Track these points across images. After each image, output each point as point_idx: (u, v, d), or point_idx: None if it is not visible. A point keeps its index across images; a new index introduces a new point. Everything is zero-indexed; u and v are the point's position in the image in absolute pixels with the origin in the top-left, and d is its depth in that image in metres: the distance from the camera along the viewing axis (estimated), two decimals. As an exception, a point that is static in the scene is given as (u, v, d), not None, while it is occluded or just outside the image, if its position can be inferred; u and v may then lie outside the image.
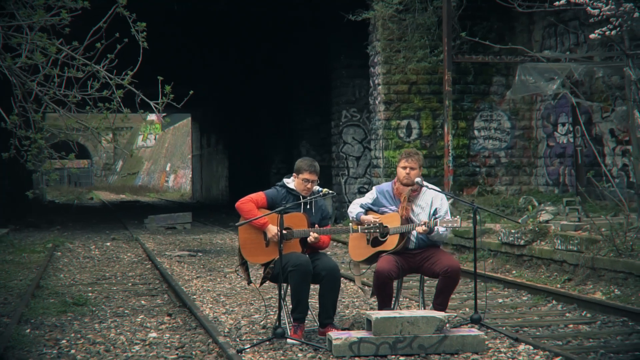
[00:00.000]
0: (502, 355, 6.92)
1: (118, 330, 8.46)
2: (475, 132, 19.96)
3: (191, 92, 10.40)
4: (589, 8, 10.37)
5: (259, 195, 7.61)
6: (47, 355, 7.36)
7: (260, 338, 7.58)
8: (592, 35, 10.95)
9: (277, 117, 29.40)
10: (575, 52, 17.94)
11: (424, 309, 7.93)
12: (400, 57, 19.33)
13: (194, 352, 7.37)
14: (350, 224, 7.62)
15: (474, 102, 19.89)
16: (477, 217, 7.76)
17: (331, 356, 6.83)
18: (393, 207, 7.87)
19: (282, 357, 6.90)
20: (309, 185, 7.53)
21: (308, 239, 7.40)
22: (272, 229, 7.35)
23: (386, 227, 7.56)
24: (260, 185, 7.65)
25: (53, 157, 10.87)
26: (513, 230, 12.70)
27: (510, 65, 19.63)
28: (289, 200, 7.52)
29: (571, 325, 8.52)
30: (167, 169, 62.91)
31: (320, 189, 7.64)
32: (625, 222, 11.26)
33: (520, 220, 13.80)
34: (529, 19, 19.84)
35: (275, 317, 7.66)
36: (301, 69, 26.49)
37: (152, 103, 10.20)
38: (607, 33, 10.54)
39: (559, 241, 11.63)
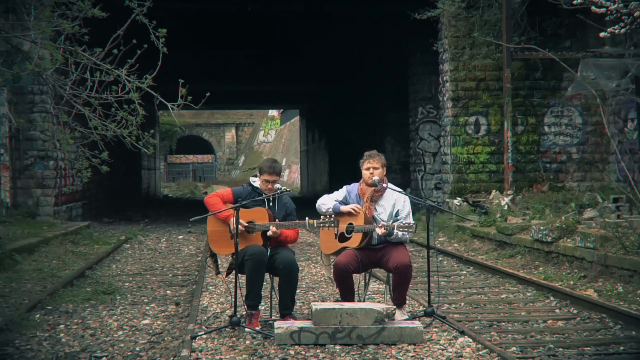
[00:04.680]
0: (437, 346, 7.21)
1: (117, 317, 9.10)
2: (546, 128, 19.84)
3: (208, 94, 10.92)
4: (593, 7, 10.38)
5: (226, 191, 8.19)
6: (37, 337, 8.04)
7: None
8: (602, 34, 10.92)
9: (366, 114, 29.82)
10: (641, 47, 17.62)
11: (392, 302, 8.25)
12: (466, 54, 19.44)
13: (166, 338, 7.94)
14: (307, 218, 7.98)
15: (544, 98, 19.78)
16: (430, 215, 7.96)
17: (274, 344, 7.27)
18: None
19: (230, 343, 7.40)
20: (269, 186, 8.05)
21: (268, 232, 7.87)
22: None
23: (338, 220, 7.96)
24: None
25: (86, 155, 11.61)
26: (542, 227, 12.75)
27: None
28: (253, 197, 8.00)
29: (549, 321, 8.67)
30: (283, 163, 64.18)
31: (280, 187, 8.10)
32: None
33: (563, 218, 13.78)
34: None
35: (243, 306, 8.12)
36: (385, 65, 26.81)
37: (169, 104, 10.82)
38: (618, 31, 10.49)
39: (579, 238, 11.66)
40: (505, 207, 16.86)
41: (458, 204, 18.65)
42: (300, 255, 14.62)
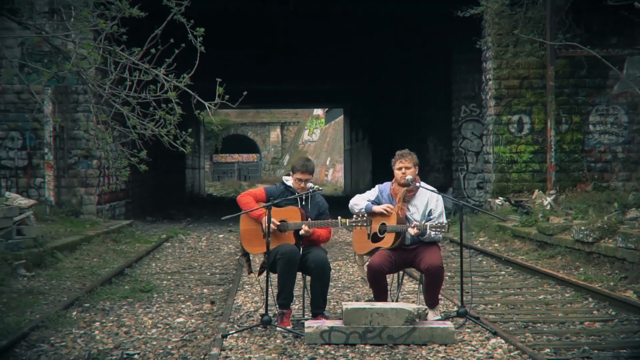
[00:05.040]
0: (468, 347, 7.13)
1: (152, 315, 9.14)
2: (590, 126, 19.55)
3: (245, 92, 10.89)
4: (636, 3, 10.21)
5: (259, 190, 8.19)
6: (71, 334, 8.11)
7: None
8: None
9: (409, 112, 29.68)
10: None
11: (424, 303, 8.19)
12: (509, 52, 19.24)
13: (198, 336, 7.96)
14: (339, 217, 7.95)
15: (589, 96, 19.48)
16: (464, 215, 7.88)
17: (305, 343, 7.25)
18: None
19: (261, 342, 7.40)
20: (302, 184, 8.04)
21: (300, 231, 7.85)
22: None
23: (370, 220, 7.92)
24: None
25: (125, 154, 11.69)
26: (583, 228, 12.57)
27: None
28: (286, 196, 7.99)
29: (586, 323, 8.55)
30: (327, 163, 64.13)
31: (313, 185, 8.08)
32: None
33: (605, 218, 13.56)
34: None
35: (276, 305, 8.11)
36: (428, 64, 26.67)
37: (206, 103, 10.83)
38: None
39: (620, 239, 11.47)
40: (548, 207, 16.65)
41: (500, 203, 18.47)
42: (338, 255, 14.61)
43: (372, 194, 8.30)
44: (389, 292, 8.19)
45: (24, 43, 17.40)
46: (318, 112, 75.85)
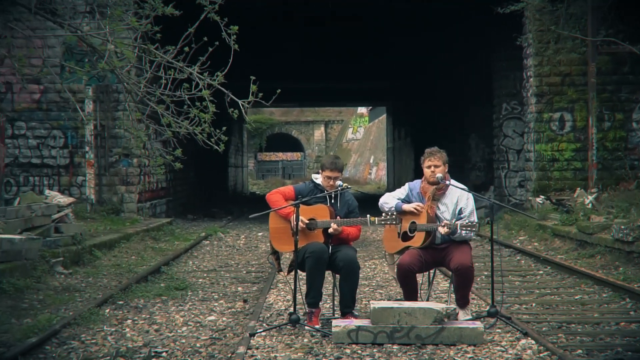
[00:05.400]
0: (498, 347, 7.03)
1: (184, 313, 9.16)
2: (634, 124, 19.21)
3: (278, 90, 10.87)
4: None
5: (288, 189, 8.16)
6: (102, 332, 8.15)
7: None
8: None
9: (451, 110, 29.46)
10: None
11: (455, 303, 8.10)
12: (550, 49, 18.99)
13: (228, 334, 7.95)
14: (368, 215, 7.90)
15: (633, 93, 19.15)
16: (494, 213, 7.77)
17: (332, 342, 7.20)
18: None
19: (287, 341, 7.37)
20: (331, 182, 7.98)
21: (329, 229, 7.80)
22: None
23: (400, 218, 7.85)
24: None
25: (160, 152, 11.74)
26: (623, 227, 12.36)
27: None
28: (315, 194, 7.95)
29: (622, 324, 8.40)
30: (371, 161, 64.02)
31: (342, 183, 8.02)
32: None
33: (647, 216, 13.34)
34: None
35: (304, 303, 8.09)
36: (469, 61, 26.46)
37: (240, 101, 10.83)
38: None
39: (660, 238, 11.26)
40: (589, 206, 16.41)
41: (541, 202, 18.25)
42: (375, 253, 14.53)
43: (402, 192, 8.23)
44: (420, 291, 8.11)
45: (64, 43, 17.56)
46: (362, 110, 75.70)
